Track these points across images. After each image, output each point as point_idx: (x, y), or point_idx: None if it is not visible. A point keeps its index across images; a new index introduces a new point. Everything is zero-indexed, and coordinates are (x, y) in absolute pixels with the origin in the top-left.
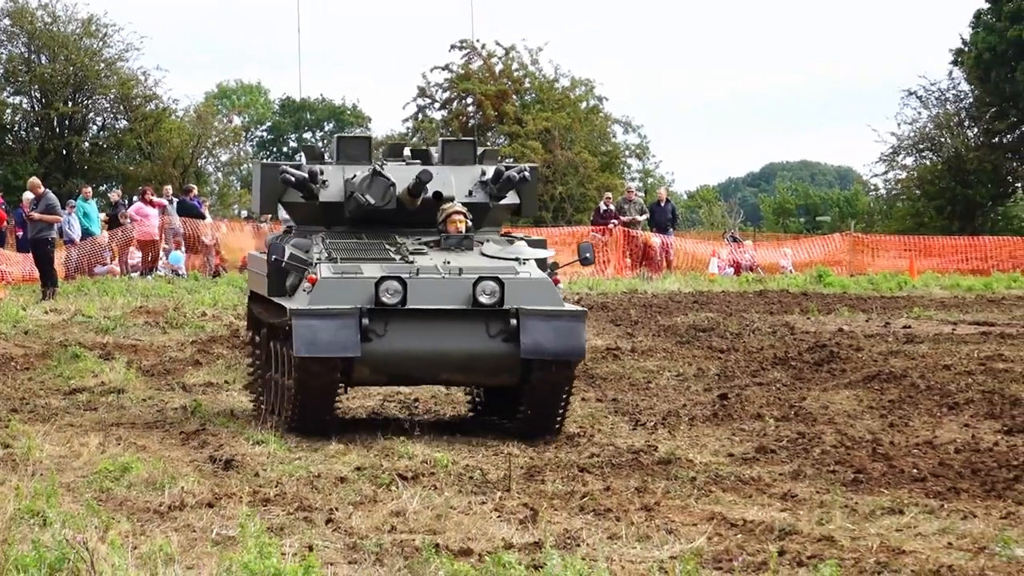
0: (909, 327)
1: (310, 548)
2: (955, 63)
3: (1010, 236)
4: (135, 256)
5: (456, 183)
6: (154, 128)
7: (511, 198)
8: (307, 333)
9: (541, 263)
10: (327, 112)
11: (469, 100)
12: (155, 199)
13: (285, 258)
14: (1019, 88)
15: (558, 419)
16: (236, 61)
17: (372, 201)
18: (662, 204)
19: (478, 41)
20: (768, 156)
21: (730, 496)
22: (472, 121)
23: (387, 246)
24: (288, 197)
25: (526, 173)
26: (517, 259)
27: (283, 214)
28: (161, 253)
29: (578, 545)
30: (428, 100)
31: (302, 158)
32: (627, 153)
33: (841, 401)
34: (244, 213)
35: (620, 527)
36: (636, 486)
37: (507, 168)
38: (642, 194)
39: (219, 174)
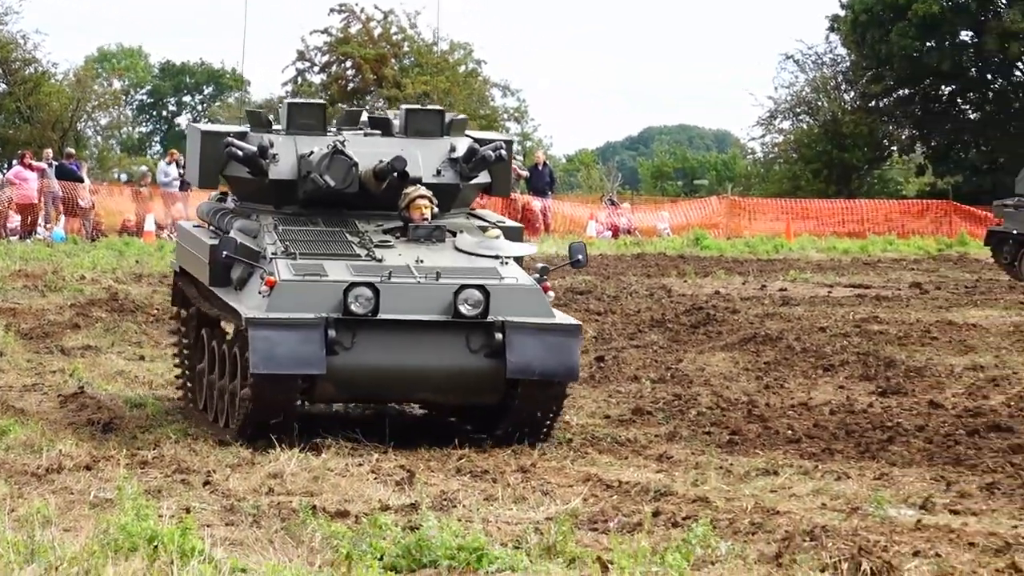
0: (785, 290)
1: (187, 510)
2: (832, 28)
3: (885, 199)
4: (14, 220)
5: (423, 161)
6: (33, 92)
7: (482, 177)
8: (265, 347)
9: (519, 261)
10: (206, 75)
11: (348, 64)
12: (34, 163)
13: (234, 251)
14: (894, 51)
15: (543, 434)
16: (117, 25)
17: (332, 183)
18: (540, 168)
19: (357, 5)
20: (646, 120)
21: (606, 458)
22: (351, 84)
23: (349, 236)
24: (232, 171)
25: (502, 151)
26: (498, 257)
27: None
28: (41, 220)
29: (454, 506)
30: (307, 64)
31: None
32: (505, 116)
33: (717, 363)
34: (124, 176)
35: (496, 489)
36: (512, 448)
37: (482, 145)
38: (520, 157)
39: (98, 138)
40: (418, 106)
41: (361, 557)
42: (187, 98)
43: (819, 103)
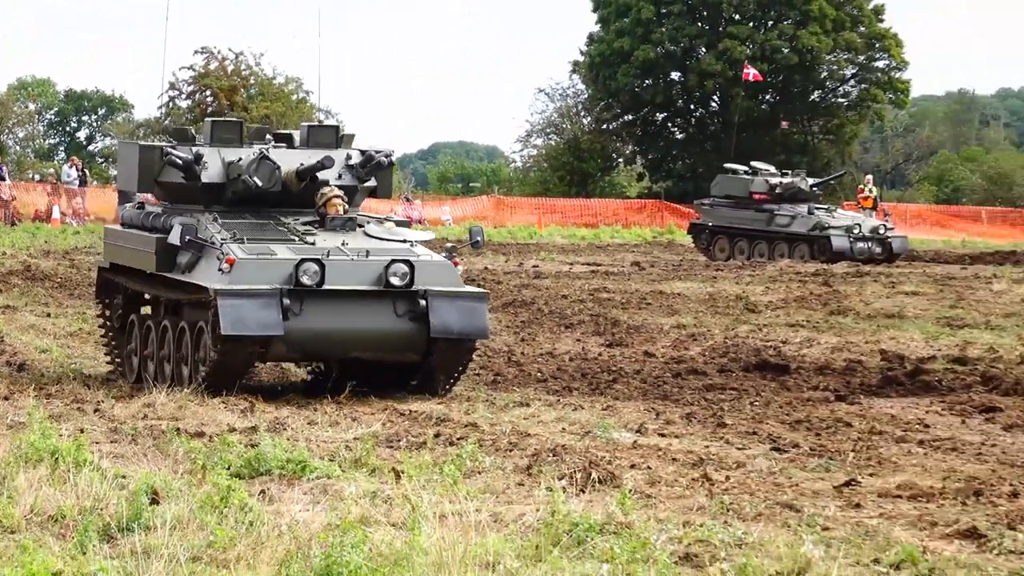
0: (537, 266)
1: (81, 431)
2: (574, 69)
3: (613, 199)
4: None
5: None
6: None
7: (371, 181)
8: (232, 312)
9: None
10: (100, 100)
11: (208, 92)
12: None
13: (195, 235)
14: (620, 87)
15: (448, 388)
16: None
17: (260, 183)
18: None
19: (215, 47)
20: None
21: (400, 393)
22: (210, 108)
23: (279, 227)
24: (167, 177)
25: (392, 158)
26: (406, 241)
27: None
28: None
29: (284, 429)
30: (177, 92)
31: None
32: None
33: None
34: (37, 177)
35: (317, 416)
36: (329, 385)
37: (376, 152)
38: None
39: (17, 147)
40: (317, 123)
41: (213, 467)
42: (85, 117)
43: (564, 125)
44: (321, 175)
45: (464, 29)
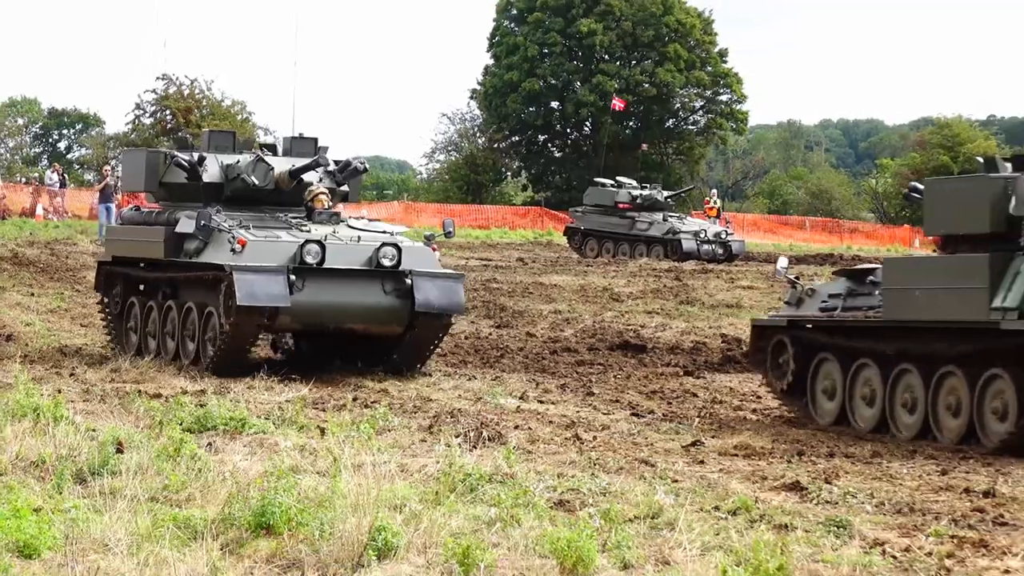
0: (440, 260)
1: (59, 391)
2: (471, 96)
3: (502, 205)
4: None
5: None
6: None
7: (345, 187)
8: (246, 286)
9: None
10: (77, 117)
11: (168, 112)
12: None
13: (210, 221)
14: (510, 113)
15: (423, 361)
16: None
17: (256, 182)
18: None
19: (174, 74)
20: (353, 151)
21: (325, 364)
22: (169, 125)
23: (273, 220)
24: (170, 178)
25: (366, 165)
26: (386, 231)
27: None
28: None
29: (228, 392)
30: (141, 111)
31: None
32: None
33: None
34: (24, 180)
35: (255, 382)
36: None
37: (353, 159)
38: None
39: (7, 155)
40: (298, 136)
41: (169, 423)
42: (65, 131)
43: (462, 144)
44: (305, 177)
45: (382, 61)
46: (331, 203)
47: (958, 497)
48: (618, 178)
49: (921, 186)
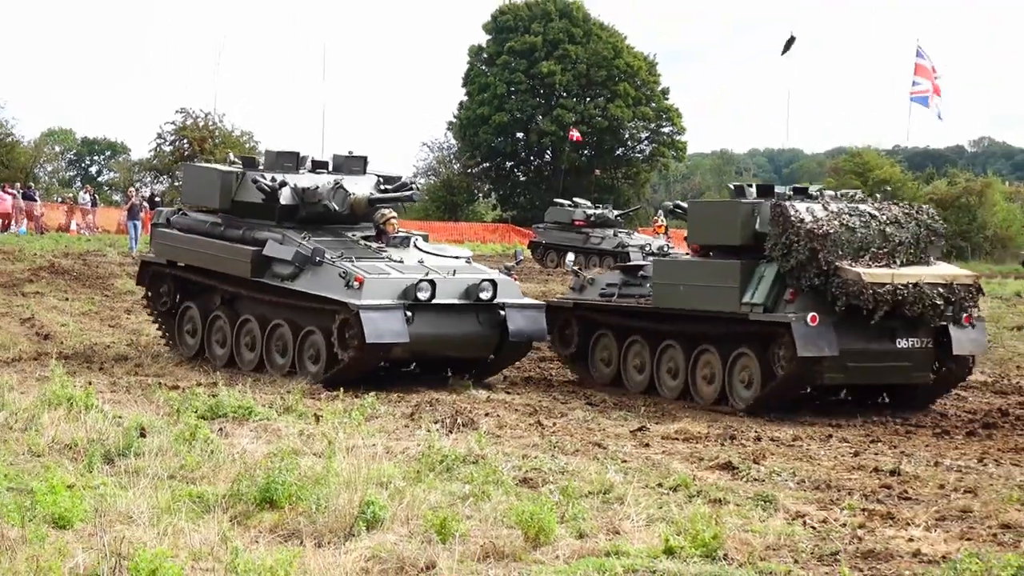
0: None
1: (90, 383)
2: (448, 128)
3: (475, 223)
4: None
5: (359, 187)
6: (10, 150)
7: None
8: (371, 324)
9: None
10: (106, 144)
11: (185, 140)
12: (9, 190)
13: (323, 255)
14: (482, 142)
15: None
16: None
17: (337, 207)
18: None
19: (191, 108)
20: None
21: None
22: (186, 152)
23: (352, 242)
24: (244, 196)
25: (415, 185)
26: (458, 256)
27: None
28: (13, 223)
29: (237, 385)
30: (162, 139)
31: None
32: None
33: None
34: (60, 199)
35: (261, 378)
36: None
37: (403, 178)
38: None
39: (46, 177)
40: (348, 154)
41: (185, 411)
42: (96, 157)
43: (440, 169)
44: (356, 192)
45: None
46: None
47: (868, 475)
48: (575, 199)
49: (685, 204)
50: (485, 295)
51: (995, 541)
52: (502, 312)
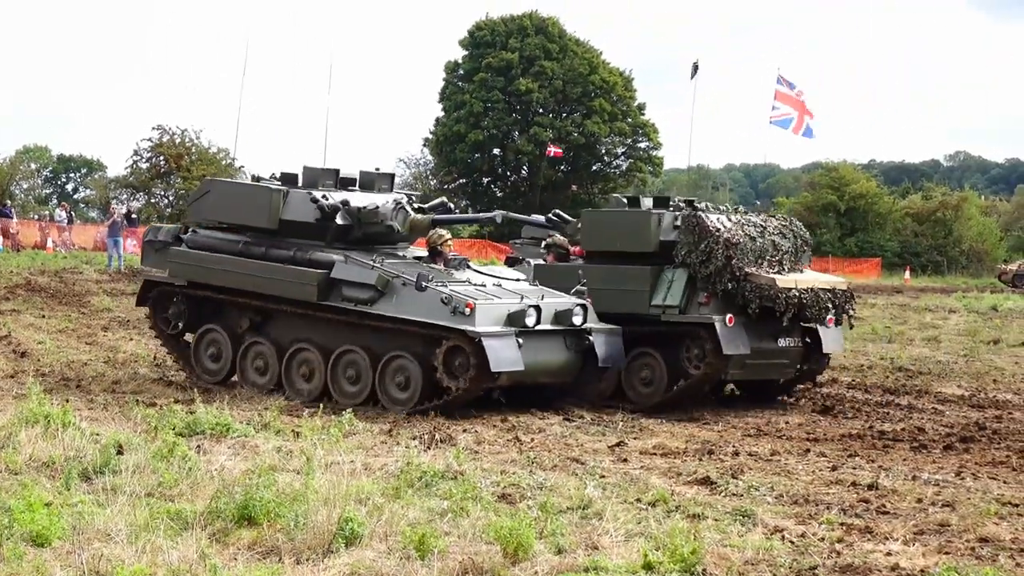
0: None
1: (67, 400)
2: (425, 144)
3: (453, 238)
4: None
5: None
6: None
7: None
8: (494, 352)
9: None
10: (82, 162)
11: (161, 157)
12: None
13: (429, 280)
14: (458, 158)
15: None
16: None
17: (398, 228)
18: None
19: (167, 125)
20: None
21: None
22: (163, 169)
23: (414, 263)
24: (292, 215)
25: (452, 206)
26: (518, 279)
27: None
28: None
29: (214, 402)
30: (138, 156)
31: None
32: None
33: None
34: (36, 216)
35: (237, 393)
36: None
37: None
38: None
39: (22, 194)
40: (376, 171)
41: (163, 428)
42: (72, 174)
43: (416, 186)
44: (386, 207)
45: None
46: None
47: (846, 490)
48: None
49: (562, 213)
50: (577, 320)
51: (973, 555)
52: (589, 338)
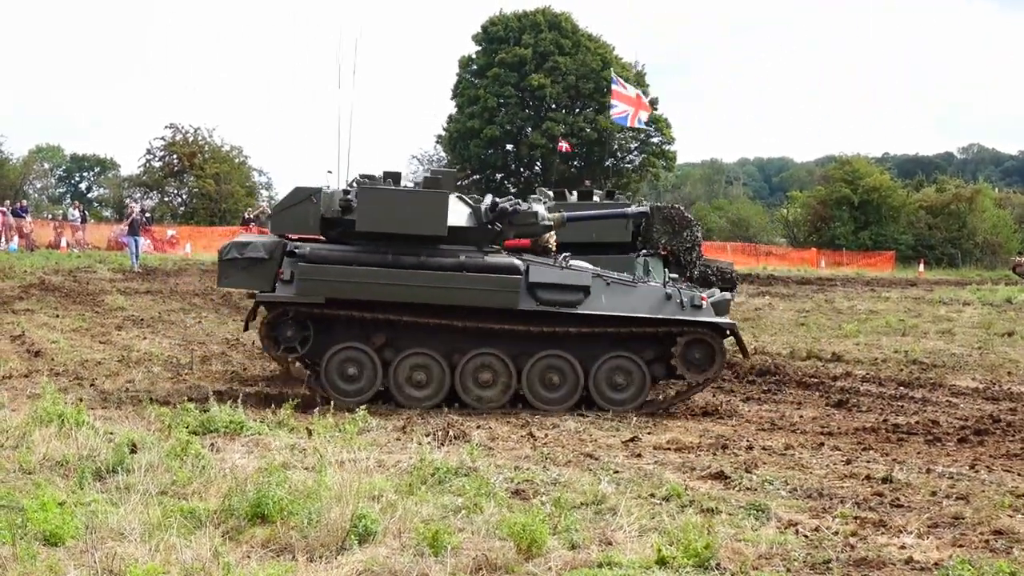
0: None
1: (80, 400)
2: (438, 140)
3: None
4: None
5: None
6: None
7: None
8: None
9: None
10: (95, 161)
11: (175, 156)
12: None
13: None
14: (472, 155)
15: None
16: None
17: (549, 226)
18: None
19: (180, 123)
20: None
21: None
22: (176, 167)
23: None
24: (458, 222)
25: (513, 207)
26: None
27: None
28: (2, 239)
29: (227, 402)
30: (151, 155)
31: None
32: (260, 186)
33: None
34: (50, 216)
35: (250, 390)
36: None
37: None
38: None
39: (35, 194)
40: (428, 173)
41: (176, 426)
42: (85, 174)
43: None
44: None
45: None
46: None
47: (860, 483)
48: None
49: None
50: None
51: (987, 548)
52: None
